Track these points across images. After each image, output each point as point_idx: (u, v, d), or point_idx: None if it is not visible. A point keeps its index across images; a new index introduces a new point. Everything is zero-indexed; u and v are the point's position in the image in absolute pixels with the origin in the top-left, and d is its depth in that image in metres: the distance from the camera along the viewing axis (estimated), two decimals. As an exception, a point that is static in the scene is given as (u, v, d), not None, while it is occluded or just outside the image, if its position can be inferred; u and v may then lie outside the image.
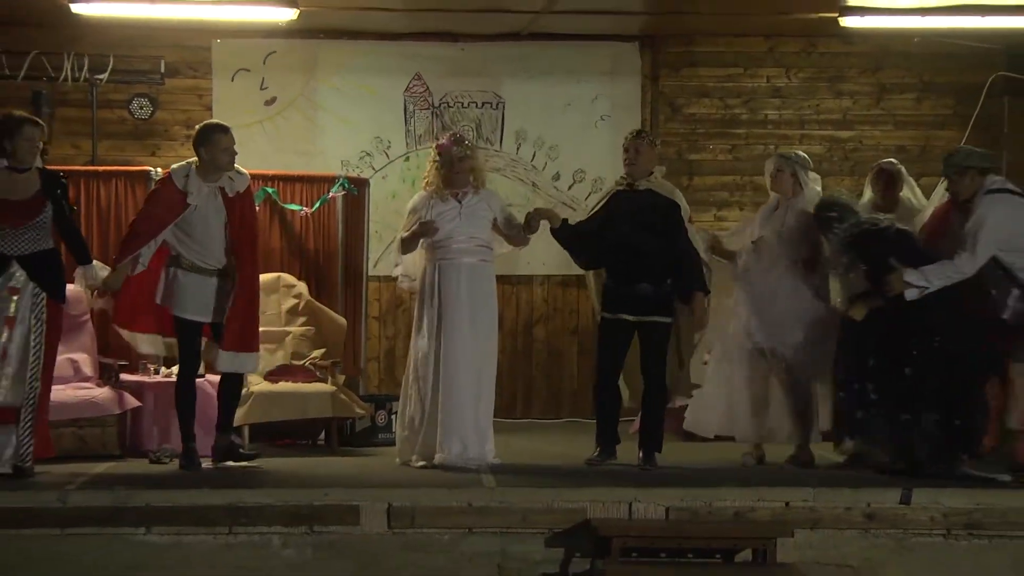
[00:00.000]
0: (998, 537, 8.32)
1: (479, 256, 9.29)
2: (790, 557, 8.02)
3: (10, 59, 11.89)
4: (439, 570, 8.15)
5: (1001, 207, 8.66)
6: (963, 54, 12.24)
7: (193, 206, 8.98)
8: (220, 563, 8.09)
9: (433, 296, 9.27)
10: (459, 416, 9.17)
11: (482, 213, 9.31)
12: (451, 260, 9.23)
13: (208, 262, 9.07)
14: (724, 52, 12.73)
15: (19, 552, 8.04)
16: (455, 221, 9.22)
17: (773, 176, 9.70)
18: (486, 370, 9.32)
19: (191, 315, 9.06)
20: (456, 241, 9.22)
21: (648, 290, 9.16)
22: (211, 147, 9.00)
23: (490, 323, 9.37)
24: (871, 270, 8.83)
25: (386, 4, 11.17)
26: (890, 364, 8.85)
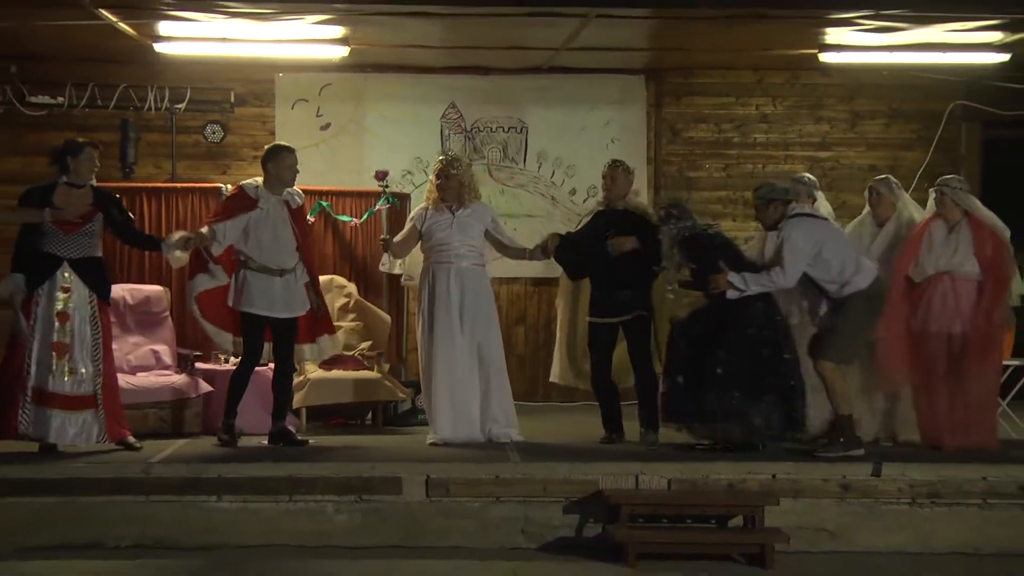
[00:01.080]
0: (956, 504, 8.32)
1: (472, 260, 9.33)
2: (776, 523, 8.02)
3: (102, 91, 12.02)
4: (470, 534, 8.15)
5: (800, 229, 8.68)
6: (926, 85, 12.16)
7: (264, 210, 9.03)
8: (281, 527, 8.12)
9: (428, 295, 9.31)
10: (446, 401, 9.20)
11: (473, 223, 9.34)
12: (443, 264, 9.27)
13: (274, 264, 9.07)
14: (718, 83, 12.69)
15: (111, 515, 8.09)
16: (448, 230, 9.27)
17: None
18: (491, 362, 9.33)
19: (257, 310, 9.06)
20: (450, 247, 9.26)
21: (627, 295, 9.20)
22: (278, 163, 9.10)
23: (485, 320, 9.35)
24: (700, 269, 8.83)
25: (425, 42, 11.16)
26: (713, 352, 8.82)
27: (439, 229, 9.30)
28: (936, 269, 8.93)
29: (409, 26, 10.27)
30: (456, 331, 9.21)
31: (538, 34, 10.69)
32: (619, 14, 9.48)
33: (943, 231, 8.98)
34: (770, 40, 11.04)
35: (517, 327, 12.48)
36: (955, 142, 12.54)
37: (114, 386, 8.91)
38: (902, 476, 8.35)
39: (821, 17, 9.74)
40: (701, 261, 8.86)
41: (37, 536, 7.99)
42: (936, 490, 8.32)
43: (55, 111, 12.07)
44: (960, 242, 8.91)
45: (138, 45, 10.53)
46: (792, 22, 9.97)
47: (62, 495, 8.14)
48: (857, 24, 9.87)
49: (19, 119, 12.01)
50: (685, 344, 8.96)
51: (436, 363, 9.23)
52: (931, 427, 9.02)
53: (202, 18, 9.60)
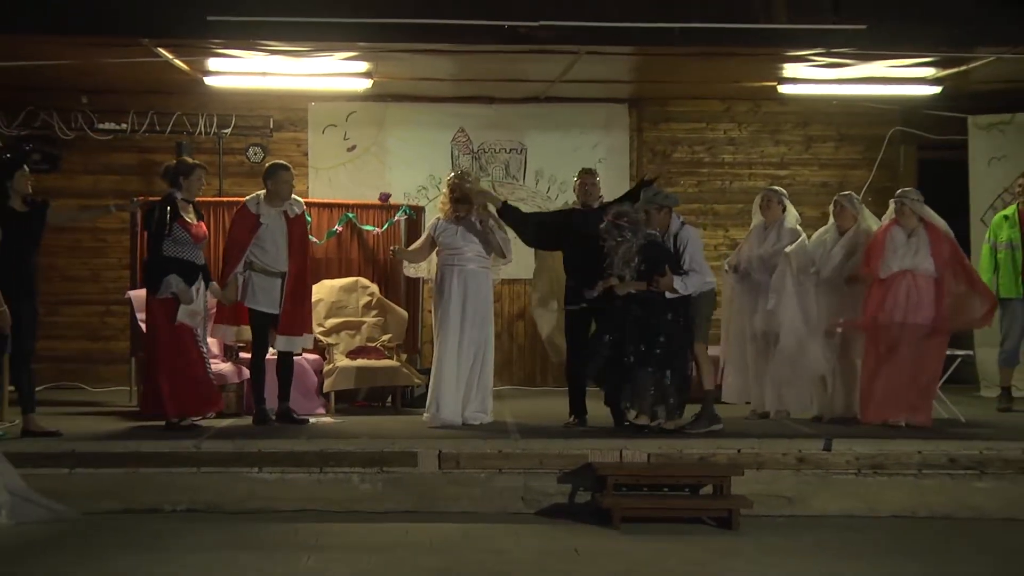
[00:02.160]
0: (895, 474, 8.34)
1: (477, 264, 9.29)
2: (741, 491, 8.00)
3: (159, 118, 12.06)
4: (477, 500, 8.15)
5: (695, 235, 9.06)
6: (870, 113, 12.15)
7: (265, 224, 9.07)
8: (314, 495, 8.12)
9: (439, 294, 9.30)
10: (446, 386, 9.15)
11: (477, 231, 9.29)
12: (452, 266, 9.25)
13: (274, 267, 9.14)
14: (691, 111, 12.67)
15: (167, 484, 8.12)
16: (462, 237, 9.23)
17: (763, 206, 9.69)
18: (483, 352, 9.28)
19: (262, 307, 9.13)
20: (459, 252, 9.23)
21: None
22: (276, 180, 9.16)
23: (484, 316, 9.32)
24: (649, 270, 8.82)
25: (438, 75, 11.18)
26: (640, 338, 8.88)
27: (449, 236, 9.28)
28: (900, 267, 9.05)
29: (424, 62, 10.27)
30: (459, 327, 9.18)
31: (535, 68, 10.69)
32: (605, 51, 9.46)
33: (903, 236, 9.15)
34: (736, 74, 11.04)
35: (517, 322, 12.47)
36: (894, 162, 12.53)
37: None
38: (849, 450, 8.38)
39: (779, 55, 9.73)
40: (651, 263, 8.85)
41: (106, 502, 7.99)
42: (879, 462, 8.34)
43: (119, 136, 12.09)
44: (920, 245, 9.11)
45: (190, 79, 10.52)
46: (755, 59, 9.96)
47: (125, 466, 8.16)
48: (810, 61, 9.85)
49: (89, 143, 12.03)
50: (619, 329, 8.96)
51: (444, 353, 9.21)
52: (880, 405, 9.07)
53: (245, 55, 9.59)
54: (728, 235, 12.49)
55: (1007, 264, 9.47)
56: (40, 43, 8.76)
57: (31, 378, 8.79)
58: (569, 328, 9.38)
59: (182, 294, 8.71)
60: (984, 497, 8.31)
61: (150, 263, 8.88)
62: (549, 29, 8.42)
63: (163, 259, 8.74)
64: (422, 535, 7.42)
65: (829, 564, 6.91)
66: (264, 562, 6.73)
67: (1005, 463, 8.38)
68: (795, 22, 8.49)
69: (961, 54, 9.34)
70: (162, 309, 8.74)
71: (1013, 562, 7.05)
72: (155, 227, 8.74)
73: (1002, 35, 8.65)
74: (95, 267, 12.17)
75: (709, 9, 8.43)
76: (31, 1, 8.08)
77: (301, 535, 7.37)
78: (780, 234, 9.57)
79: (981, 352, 11.56)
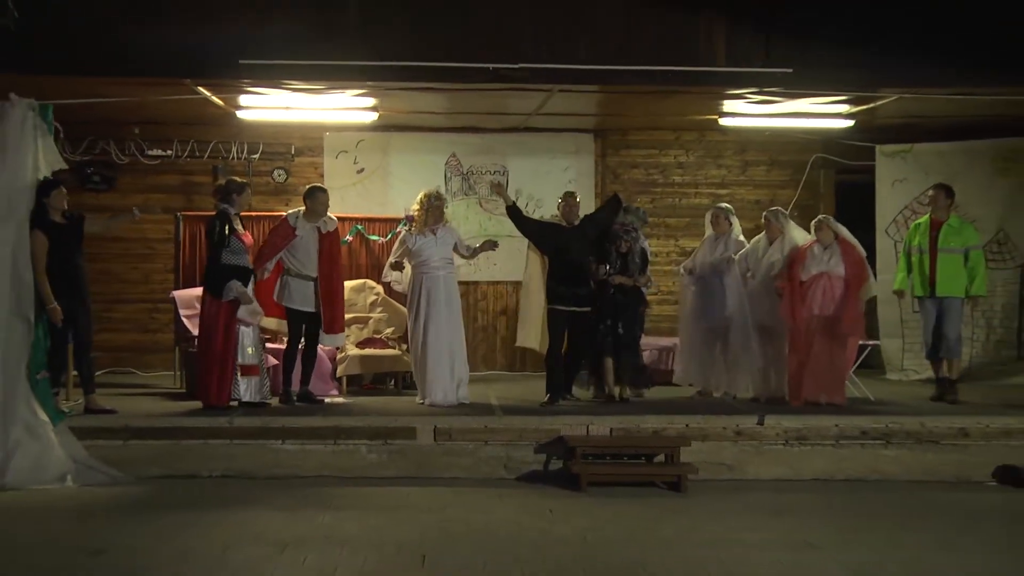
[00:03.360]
0: (816, 444, 8.44)
1: (447, 270, 9.33)
2: (688, 459, 8.03)
3: (199, 146, 12.04)
4: (467, 468, 8.16)
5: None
6: (796, 142, 12.18)
7: (300, 236, 9.08)
8: (329, 463, 8.13)
9: (419, 297, 9.27)
10: (438, 374, 9.17)
11: (448, 241, 9.35)
12: (429, 273, 9.26)
13: (308, 272, 9.12)
14: (646, 140, 12.66)
15: (205, 454, 8.13)
16: (432, 248, 9.24)
17: (713, 221, 9.72)
18: (458, 342, 9.29)
19: (297, 306, 9.13)
20: (434, 261, 9.26)
21: (583, 291, 9.21)
22: (314, 200, 9.19)
23: (456, 312, 9.35)
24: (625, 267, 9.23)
25: (433, 109, 11.17)
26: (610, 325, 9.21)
27: (425, 248, 9.28)
28: (817, 270, 9.15)
29: (421, 98, 10.26)
30: (441, 323, 9.19)
31: (516, 103, 10.68)
32: (574, 89, 9.46)
33: (821, 248, 9.24)
34: (684, 109, 11.04)
35: (500, 317, 12.44)
36: (816, 183, 12.55)
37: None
38: (779, 425, 8.44)
39: (720, 93, 9.75)
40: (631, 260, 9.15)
41: (153, 469, 7.97)
42: (803, 434, 8.40)
43: (165, 160, 12.04)
44: (834, 254, 9.22)
45: (225, 112, 10.49)
46: (700, 96, 9.98)
47: (170, 439, 8.17)
48: (746, 98, 9.87)
49: (140, 166, 11.99)
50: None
51: (429, 345, 9.19)
52: (803, 387, 9.13)
53: (271, 93, 9.57)
54: (678, 244, 12.51)
55: (918, 266, 9.51)
56: (100, 84, 8.72)
57: (91, 365, 8.78)
58: (552, 323, 9.37)
59: (243, 296, 8.69)
60: (889, 463, 8.35)
61: (212, 271, 8.82)
62: (527, 71, 8.42)
63: (223, 267, 8.71)
64: (420, 497, 7.40)
65: (762, 520, 6.92)
66: (287, 520, 6.71)
67: (907, 434, 8.47)
68: (733, 66, 8.51)
69: (870, 94, 9.37)
70: (220, 310, 8.70)
71: (914, 516, 7.09)
72: (216, 239, 8.71)
73: (903, 79, 8.70)
74: (144, 271, 12.13)
75: (662, 54, 8.44)
76: (92, 48, 8.04)
77: (319, 497, 7.35)
78: (728, 244, 9.68)
79: (886, 342, 11.63)
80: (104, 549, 5.96)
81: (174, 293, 10.51)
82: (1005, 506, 7.53)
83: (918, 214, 10.80)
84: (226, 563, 5.70)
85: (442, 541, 6.24)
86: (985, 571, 5.80)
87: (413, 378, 9.73)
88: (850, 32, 8.36)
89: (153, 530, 6.44)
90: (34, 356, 7.93)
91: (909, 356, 11.37)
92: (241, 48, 8.17)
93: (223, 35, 8.16)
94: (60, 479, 7.61)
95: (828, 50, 8.46)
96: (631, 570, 5.64)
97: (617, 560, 5.85)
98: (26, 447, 7.65)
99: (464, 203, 12.21)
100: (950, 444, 8.44)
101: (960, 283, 9.33)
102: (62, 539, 6.23)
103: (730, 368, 9.62)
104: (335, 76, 8.60)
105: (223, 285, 8.67)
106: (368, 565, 5.70)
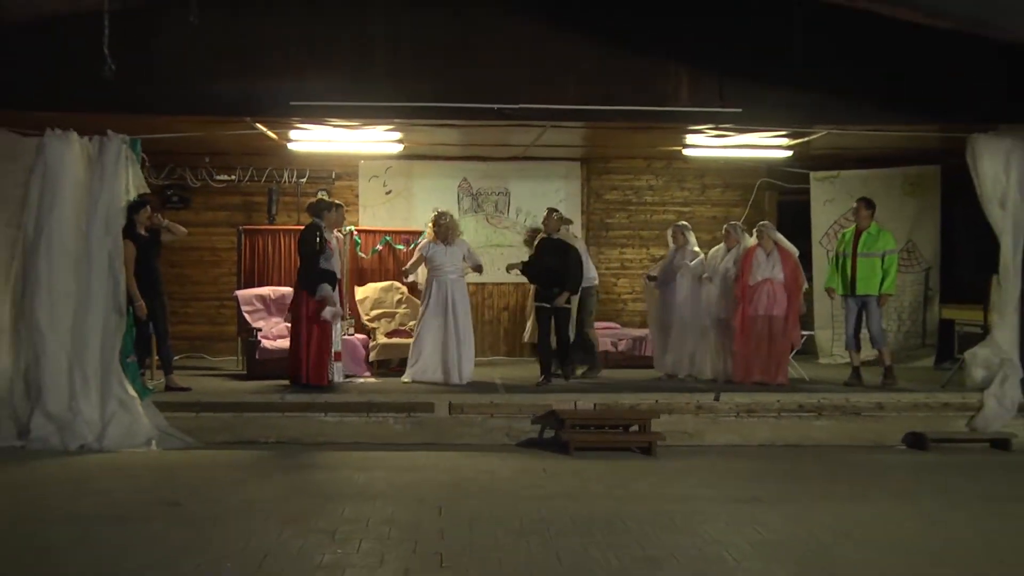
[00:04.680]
0: (762, 416, 8.40)
1: (456, 275, 9.27)
2: (657, 428, 8.05)
3: (257, 171, 11.98)
4: (476, 436, 8.18)
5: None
6: (745, 168, 12.11)
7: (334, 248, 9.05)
8: (363, 432, 8.14)
9: (431, 296, 9.24)
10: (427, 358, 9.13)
11: (457, 252, 9.30)
12: (440, 277, 9.23)
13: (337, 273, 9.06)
14: (623, 167, 12.58)
15: (262, 424, 8.13)
16: (443, 256, 9.24)
17: (673, 236, 9.74)
18: (465, 335, 9.18)
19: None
20: (444, 267, 9.23)
21: (557, 291, 9.11)
22: (331, 215, 9.01)
23: (465, 310, 9.23)
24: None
25: (448, 142, 11.12)
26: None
27: (437, 256, 9.26)
28: (762, 276, 9.10)
29: (438, 133, 10.22)
30: (443, 315, 9.13)
31: (516, 137, 10.65)
32: (564, 125, 9.40)
33: (763, 254, 9.20)
34: (654, 142, 11.02)
35: (503, 312, 12.41)
36: (761, 202, 12.47)
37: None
38: (732, 400, 8.42)
39: (683, 129, 9.70)
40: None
41: (220, 436, 8.03)
42: (751, 408, 8.39)
43: (230, 184, 11.98)
44: (775, 261, 9.15)
45: (278, 144, 10.47)
46: (667, 131, 9.93)
47: (233, 412, 8.17)
48: (704, 133, 9.84)
49: (209, 189, 11.92)
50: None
51: (424, 334, 9.19)
52: (749, 371, 9.11)
53: (316, 129, 9.55)
54: (649, 252, 12.45)
55: (842, 269, 9.45)
56: (177, 121, 8.72)
57: (169, 350, 8.79)
58: (539, 318, 9.39)
59: (330, 298, 8.64)
60: (821, 431, 8.38)
61: (311, 273, 8.66)
62: (525, 110, 8.40)
63: (320, 271, 8.66)
64: (437, 460, 7.43)
65: (717, 479, 6.96)
66: (329, 478, 6.75)
67: (835, 408, 8.47)
68: (694, 107, 8.48)
69: (805, 130, 9.36)
70: (310, 306, 8.62)
71: (839, 474, 7.12)
72: (318, 248, 8.63)
73: (831, 118, 8.69)
74: (213, 275, 12.12)
75: (636, 97, 8.41)
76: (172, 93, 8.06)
77: (354, 460, 7.38)
78: (685, 255, 9.64)
79: (819, 333, 11.64)
80: (180, 501, 6.01)
81: (236, 292, 10.50)
82: (911, 465, 7.60)
83: (845, 228, 10.81)
84: (281, 512, 5.74)
85: (455, 495, 6.28)
86: (891, 516, 5.86)
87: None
88: (789, 80, 8.35)
89: (220, 485, 6.49)
90: (124, 343, 7.99)
91: (837, 344, 11.38)
92: (291, 93, 8.16)
93: (277, 83, 8.14)
94: (146, 444, 7.67)
95: (771, 94, 8.45)
96: (610, 519, 5.67)
97: (599, 510, 5.88)
98: (119, 418, 7.71)
99: (474, 218, 12.19)
100: (869, 415, 8.45)
101: (876, 283, 9.30)
102: (147, 492, 6.28)
103: (690, 355, 9.62)
104: (367, 115, 8.58)
105: (317, 286, 8.59)
106: (395, 514, 5.73)
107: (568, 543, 5.17)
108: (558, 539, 5.25)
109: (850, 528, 5.54)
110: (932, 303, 11.39)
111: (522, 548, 5.08)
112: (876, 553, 5.10)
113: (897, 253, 9.35)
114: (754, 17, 8.33)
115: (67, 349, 7.80)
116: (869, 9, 8.13)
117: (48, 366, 7.75)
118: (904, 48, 8.36)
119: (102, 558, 4.89)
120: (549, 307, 9.18)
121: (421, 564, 4.80)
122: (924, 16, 8.09)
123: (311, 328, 8.61)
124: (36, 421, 7.66)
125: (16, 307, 7.92)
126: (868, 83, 8.46)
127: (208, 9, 7.61)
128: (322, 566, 4.76)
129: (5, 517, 5.60)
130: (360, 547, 5.07)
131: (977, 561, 5.02)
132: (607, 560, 4.90)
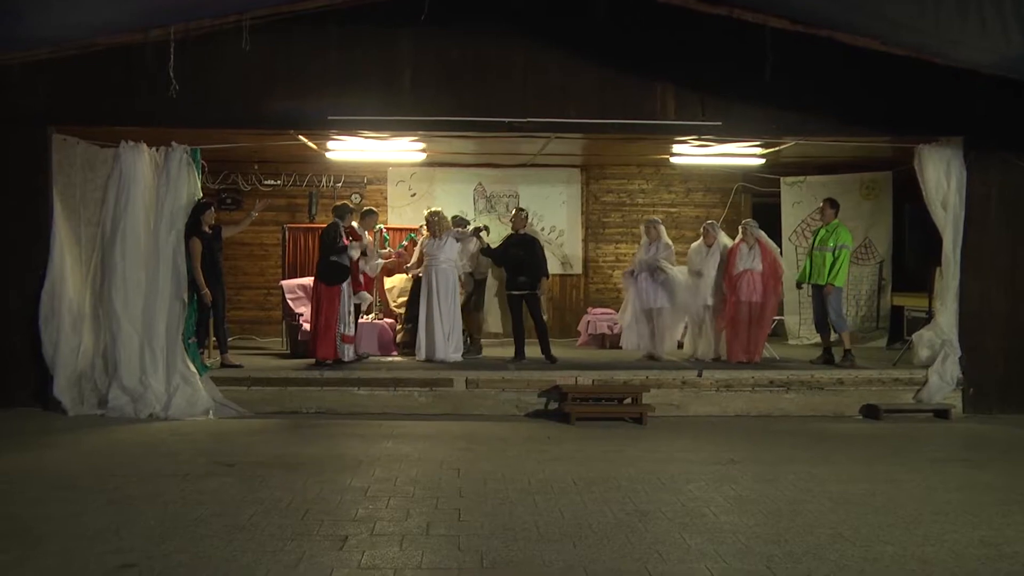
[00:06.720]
0: (739, 391, 8.37)
1: (448, 265, 9.11)
2: (648, 401, 8.06)
3: (299, 177, 12.02)
4: (489, 407, 8.17)
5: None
6: (724, 174, 12.13)
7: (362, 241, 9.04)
8: (391, 404, 8.14)
9: (424, 282, 9.14)
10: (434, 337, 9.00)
11: (449, 246, 9.17)
12: (434, 266, 9.11)
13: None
14: (618, 172, 12.57)
15: (304, 397, 8.13)
16: (434, 248, 9.16)
17: (647, 230, 9.60)
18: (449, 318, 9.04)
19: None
20: (438, 259, 9.11)
21: (523, 281, 9.02)
22: (367, 219, 9.12)
23: (454, 296, 9.09)
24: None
25: (465, 151, 11.09)
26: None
27: (432, 249, 9.20)
28: (744, 267, 9.06)
29: (457, 142, 10.21)
30: (435, 300, 9.05)
31: (524, 147, 10.65)
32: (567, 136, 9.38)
33: (746, 249, 9.13)
34: (645, 151, 11.00)
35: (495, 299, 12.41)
36: (739, 204, 12.47)
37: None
38: (713, 376, 8.39)
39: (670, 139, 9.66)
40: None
41: (268, 407, 8.06)
42: (729, 383, 8.37)
43: (276, 188, 12.02)
44: (756, 255, 9.10)
45: (318, 153, 10.49)
46: (656, 142, 9.90)
47: (279, 386, 8.18)
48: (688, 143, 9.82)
49: (259, 192, 11.92)
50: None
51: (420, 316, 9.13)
52: (735, 351, 9.07)
53: (351, 139, 9.57)
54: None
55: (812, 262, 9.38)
56: (231, 134, 8.77)
57: (225, 332, 8.83)
58: (511, 305, 9.25)
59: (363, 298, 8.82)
60: (789, 403, 8.39)
61: (324, 265, 8.64)
62: (532, 124, 8.41)
63: (331, 264, 8.63)
64: (456, 428, 7.48)
65: (699, 444, 6.99)
66: (361, 444, 6.80)
67: (801, 383, 8.46)
68: (679, 120, 8.49)
69: (776, 140, 9.35)
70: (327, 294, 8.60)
71: (804, 440, 7.14)
72: (333, 244, 8.61)
73: (799, 130, 8.67)
74: (261, 267, 12.19)
75: (628, 111, 8.43)
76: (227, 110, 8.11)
77: (383, 428, 7.42)
78: (658, 248, 9.48)
79: (788, 317, 11.65)
80: (235, 463, 6.08)
81: (281, 282, 10.56)
82: (866, 432, 7.61)
83: (811, 227, 10.81)
84: (320, 472, 5.81)
85: (471, 458, 6.32)
86: (848, 476, 5.90)
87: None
88: (762, 98, 8.38)
89: (269, 449, 6.55)
90: (186, 326, 8.07)
91: (804, 328, 11.40)
92: (330, 109, 8.20)
93: (317, 100, 8.18)
94: (205, 413, 7.74)
95: (747, 110, 8.46)
96: (606, 478, 5.72)
97: (596, 471, 5.93)
98: (182, 390, 7.79)
99: (487, 219, 12.22)
100: (831, 389, 8.46)
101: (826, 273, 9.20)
102: (207, 454, 6.35)
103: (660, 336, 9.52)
104: (395, 127, 8.59)
105: (332, 276, 8.60)
106: (419, 475, 5.80)
107: (569, 500, 5.23)
108: (561, 496, 5.30)
109: (812, 486, 5.59)
110: (885, 291, 11.39)
111: (529, 504, 5.13)
112: (834, 506, 5.16)
113: (850, 249, 9.30)
114: (731, 42, 8.36)
115: (138, 331, 7.90)
116: (832, 37, 8.21)
117: (122, 346, 7.85)
118: (862, 70, 8.40)
119: (170, 509, 4.98)
120: (518, 294, 9.07)
121: (442, 518, 4.86)
122: (880, 44, 8.18)
123: (319, 310, 8.63)
124: (113, 393, 7.77)
125: (95, 294, 8.03)
126: (831, 100, 8.49)
127: (258, 35, 7.71)
128: (356, 519, 4.83)
129: (90, 475, 5.70)
130: (389, 503, 5.13)
131: (919, 511, 5.08)
132: (603, 514, 4.96)
